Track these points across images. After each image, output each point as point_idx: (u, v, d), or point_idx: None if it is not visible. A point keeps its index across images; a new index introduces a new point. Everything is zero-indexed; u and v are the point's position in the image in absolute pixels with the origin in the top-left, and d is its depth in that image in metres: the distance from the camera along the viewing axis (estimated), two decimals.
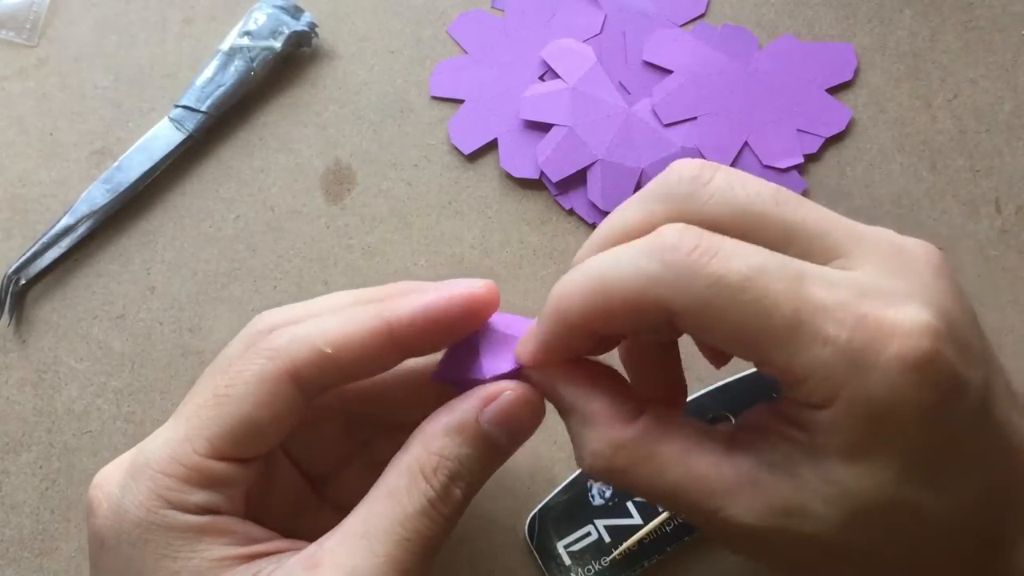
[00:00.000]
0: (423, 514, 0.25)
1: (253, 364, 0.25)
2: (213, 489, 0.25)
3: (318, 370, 0.25)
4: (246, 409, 0.25)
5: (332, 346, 0.25)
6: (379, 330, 0.26)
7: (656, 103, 0.39)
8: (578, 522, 0.34)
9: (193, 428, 0.25)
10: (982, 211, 0.38)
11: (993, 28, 0.40)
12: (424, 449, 0.26)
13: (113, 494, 0.25)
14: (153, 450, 0.25)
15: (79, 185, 0.39)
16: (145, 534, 0.25)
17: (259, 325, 0.27)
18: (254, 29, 0.40)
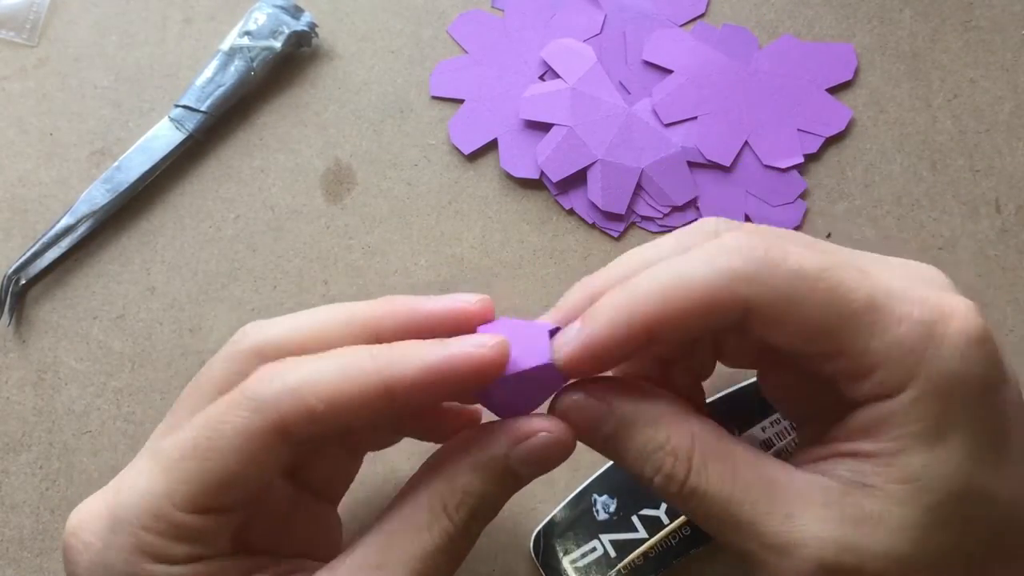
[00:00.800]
0: (442, 551, 0.24)
1: (238, 417, 0.24)
2: (198, 543, 0.24)
3: (308, 428, 0.24)
4: (229, 465, 0.24)
5: (325, 403, 0.23)
6: (378, 391, 0.24)
7: (656, 103, 0.39)
8: (583, 537, 0.34)
9: (173, 482, 0.24)
10: (982, 211, 0.38)
11: (993, 28, 0.40)
12: (448, 485, 0.24)
13: (94, 546, 0.25)
14: (132, 504, 0.24)
15: (79, 185, 0.39)
16: None
17: (243, 344, 0.26)
18: (254, 29, 0.40)
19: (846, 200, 0.38)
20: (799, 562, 0.23)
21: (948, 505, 0.23)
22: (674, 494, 0.25)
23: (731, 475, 0.24)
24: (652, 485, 0.25)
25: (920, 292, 0.24)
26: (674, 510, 0.34)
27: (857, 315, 0.23)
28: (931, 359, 0.23)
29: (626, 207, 0.38)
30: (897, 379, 0.23)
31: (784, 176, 0.38)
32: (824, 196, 0.38)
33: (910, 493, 0.23)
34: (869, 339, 0.23)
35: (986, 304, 0.37)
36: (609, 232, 0.38)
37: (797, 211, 0.38)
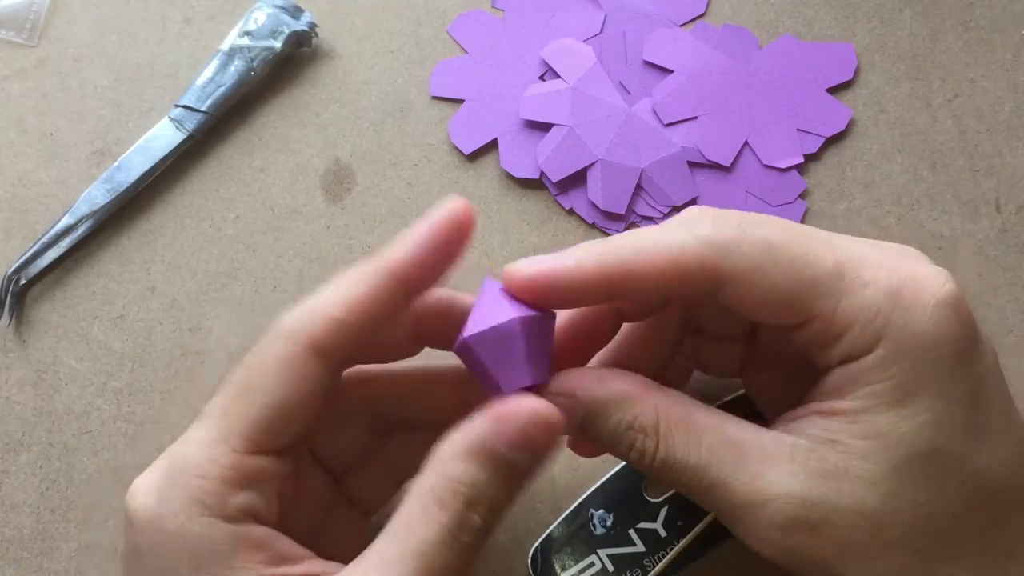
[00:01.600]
0: (441, 544, 0.24)
1: (272, 349, 0.25)
2: (252, 488, 0.25)
3: (338, 338, 0.25)
4: (275, 395, 0.25)
5: (344, 310, 0.25)
6: (381, 280, 0.26)
7: (656, 103, 0.39)
8: (581, 552, 0.34)
9: (225, 426, 0.25)
10: (982, 211, 0.38)
11: (993, 28, 0.40)
12: (439, 476, 0.24)
13: (149, 504, 0.24)
14: (189, 454, 0.25)
15: (79, 185, 0.39)
16: (183, 544, 0.24)
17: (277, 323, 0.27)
18: (254, 29, 0.40)
19: (846, 200, 0.38)
20: (769, 518, 0.24)
21: (915, 463, 0.23)
22: (649, 466, 0.26)
23: (698, 442, 0.25)
24: (630, 461, 0.26)
25: (890, 260, 0.25)
26: (672, 524, 0.34)
27: (825, 280, 0.24)
28: (899, 321, 0.24)
29: (626, 207, 0.38)
30: (865, 341, 0.24)
31: (784, 176, 0.38)
32: (824, 196, 0.38)
33: (874, 448, 0.24)
34: (837, 302, 0.24)
35: (986, 304, 0.37)
36: (609, 232, 0.38)
37: (797, 211, 0.38)
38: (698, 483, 0.25)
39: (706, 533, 0.33)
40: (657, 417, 0.25)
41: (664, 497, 0.34)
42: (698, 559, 0.33)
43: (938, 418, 0.23)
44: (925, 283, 0.24)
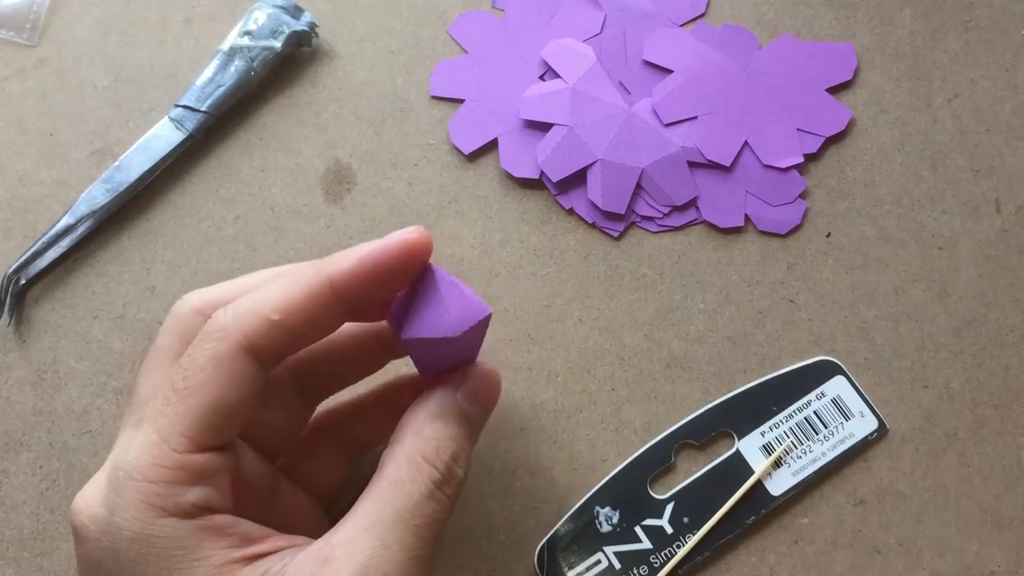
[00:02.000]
0: (430, 498, 0.25)
1: (205, 349, 0.25)
2: (202, 484, 0.25)
3: (271, 339, 0.25)
4: (213, 394, 0.25)
5: (279, 312, 0.25)
6: (322, 288, 0.26)
7: (656, 103, 0.39)
8: (587, 550, 0.34)
9: (164, 428, 0.25)
10: (982, 211, 0.38)
11: (993, 28, 0.40)
12: (418, 438, 0.26)
13: (99, 515, 0.24)
14: (131, 461, 0.24)
15: (79, 185, 0.39)
16: (144, 549, 0.24)
17: (183, 309, 0.27)
18: (254, 29, 0.40)
19: (846, 200, 0.38)
20: None
21: None
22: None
23: None
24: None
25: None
26: (678, 520, 0.34)
27: None
28: None
29: (626, 207, 0.38)
30: None
31: (784, 176, 0.38)
32: (824, 196, 0.38)
33: None
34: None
35: (986, 304, 0.37)
36: (609, 232, 0.38)
37: (797, 211, 0.38)
38: None
39: (714, 529, 0.33)
40: None
41: (670, 494, 0.34)
42: (705, 553, 0.33)
43: None
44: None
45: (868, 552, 0.34)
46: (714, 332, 0.37)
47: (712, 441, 0.35)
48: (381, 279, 0.26)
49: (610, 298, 0.37)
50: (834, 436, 0.35)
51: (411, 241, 0.26)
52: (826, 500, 0.34)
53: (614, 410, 0.36)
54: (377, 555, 0.24)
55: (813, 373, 0.36)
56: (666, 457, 0.35)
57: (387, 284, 0.26)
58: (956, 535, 0.34)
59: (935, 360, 0.36)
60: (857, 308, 0.37)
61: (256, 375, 0.26)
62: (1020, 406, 0.36)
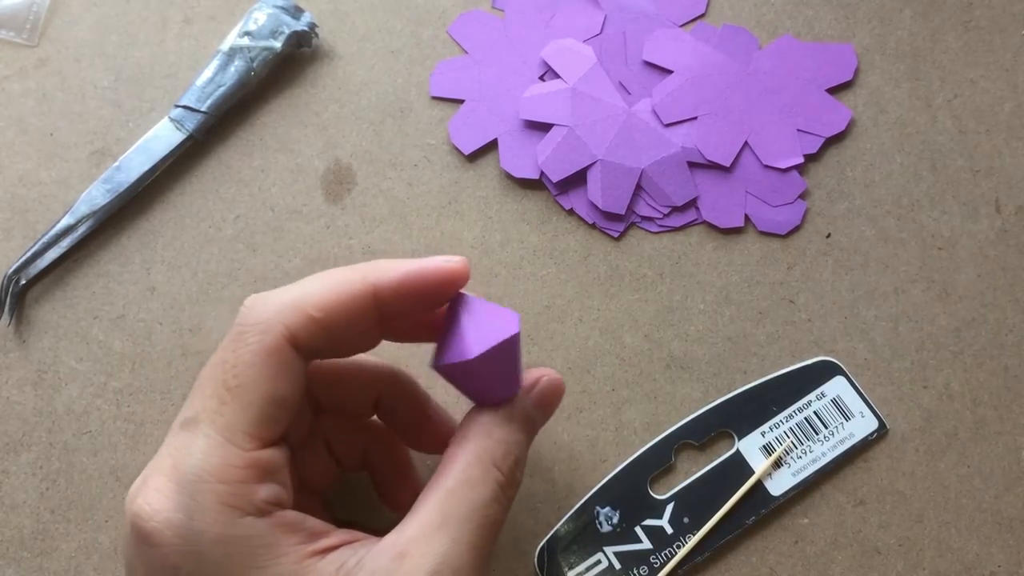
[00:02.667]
0: (495, 500, 0.26)
1: (251, 343, 0.25)
2: (270, 480, 0.25)
3: (310, 336, 0.26)
4: (266, 388, 0.25)
5: (321, 310, 0.26)
6: (365, 293, 0.26)
7: (656, 103, 0.39)
8: (587, 550, 0.34)
9: (226, 428, 0.25)
10: (982, 211, 0.38)
11: (993, 28, 0.40)
12: (488, 439, 0.27)
13: (176, 520, 0.24)
14: (199, 464, 0.24)
15: (79, 185, 0.39)
16: (228, 549, 0.24)
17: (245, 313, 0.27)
18: (254, 29, 0.40)
19: (846, 200, 0.38)
20: None
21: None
22: None
23: None
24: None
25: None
26: (678, 520, 0.34)
27: None
28: None
29: (626, 207, 0.38)
30: None
31: (784, 176, 0.38)
32: (824, 196, 0.38)
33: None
34: None
35: (986, 304, 0.37)
36: (609, 232, 0.38)
37: (797, 211, 0.38)
38: None
39: (714, 529, 0.33)
40: None
41: (670, 494, 0.34)
42: (705, 553, 0.33)
43: None
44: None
45: (868, 552, 0.34)
46: (714, 332, 0.37)
47: (712, 441, 0.35)
48: (421, 296, 0.27)
49: (610, 298, 0.37)
50: (834, 436, 0.35)
51: (455, 270, 0.27)
52: (826, 500, 0.34)
53: (614, 410, 0.36)
54: (450, 552, 0.25)
55: (813, 373, 0.36)
56: (666, 457, 0.35)
57: (423, 303, 0.27)
58: (956, 535, 0.34)
59: (935, 360, 0.36)
60: (857, 308, 0.37)
61: (301, 367, 0.26)
62: (1020, 406, 0.36)
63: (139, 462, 0.36)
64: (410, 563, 0.25)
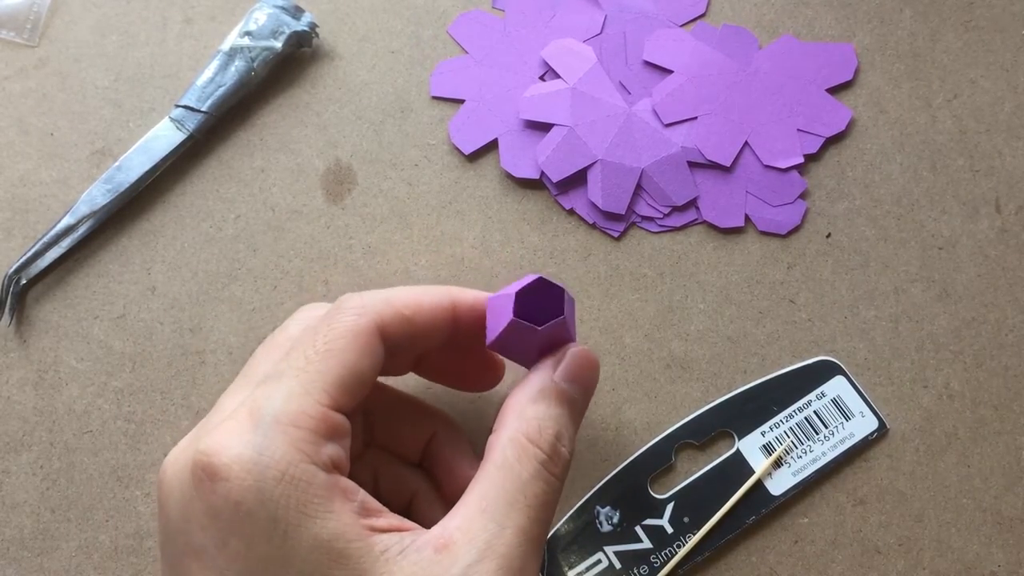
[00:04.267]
0: (537, 478, 0.26)
1: (345, 320, 0.27)
2: (336, 441, 0.26)
3: (397, 330, 0.28)
4: (351, 359, 0.26)
5: (411, 309, 0.28)
6: (446, 305, 0.29)
7: (656, 103, 0.39)
8: (588, 550, 0.34)
9: (308, 382, 0.26)
10: (982, 211, 0.38)
11: (993, 28, 0.40)
12: (521, 419, 0.27)
13: (244, 455, 0.24)
14: (277, 407, 0.25)
15: (79, 185, 0.39)
16: (288, 490, 0.24)
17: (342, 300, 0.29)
18: (254, 29, 0.40)
19: (846, 200, 0.38)
20: None
21: None
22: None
23: None
24: None
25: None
26: (678, 520, 0.34)
27: None
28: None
29: (626, 207, 0.38)
30: None
31: (784, 176, 0.38)
32: (824, 196, 0.38)
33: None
34: None
35: (986, 304, 0.37)
36: (609, 232, 0.38)
37: (797, 211, 0.38)
38: None
39: (715, 529, 0.33)
40: None
41: (670, 494, 0.34)
42: (705, 553, 0.33)
43: None
44: None
45: (868, 552, 0.34)
46: (714, 332, 0.37)
47: (712, 441, 0.35)
48: (481, 321, 0.29)
49: (610, 298, 0.37)
50: (834, 436, 0.35)
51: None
52: (826, 500, 0.34)
53: (614, 410, 0.36)
54: (495, 538, 0.25)
55: (813, 373, 0.36)
56: (666, 457, 0.35)
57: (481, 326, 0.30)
58: (956, 535, 0.34)
59: (935, 360, 0.36)
60: (857, 308, 0.37)
61: (382, 355, 0.27)
62: (1020, 406, 0.36)
63: (139, 462, 0.36)
64: (453, 552, 0.24)
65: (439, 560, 0.24)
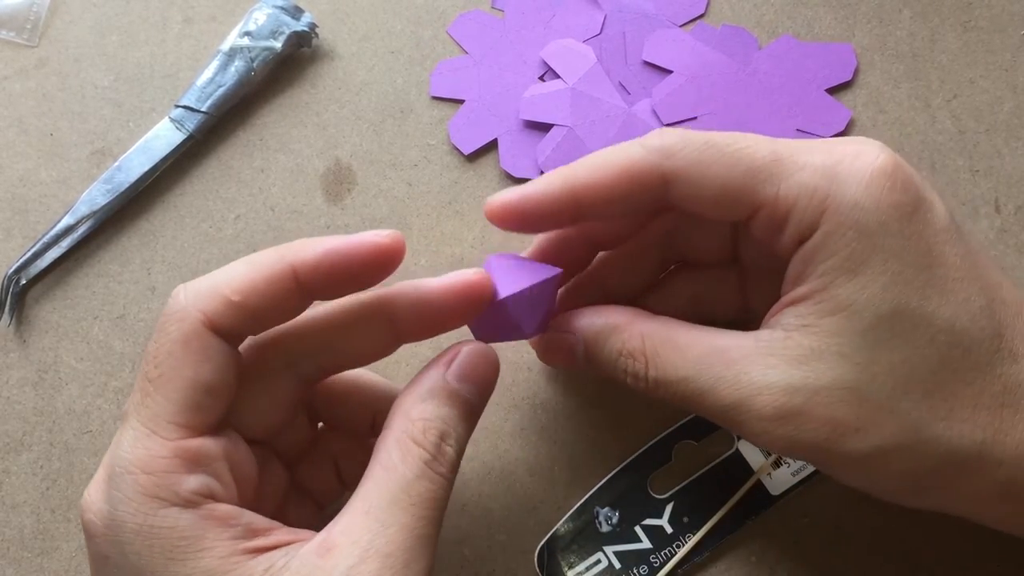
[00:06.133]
0: (422, 477, 0.26)
1: (170, 332, 0.25)
2: (200, 470, 0.25)
3: (230, 319, 0.26)
4: (188, 375, 0.25)
5: (239, 293, 0.26)
6: (283, 273, 0.26)
7: (656, 103, 0.39)
8: (587, 550, 0.34)
9: (149, 419, 0.25)
10: (982, 211, 0.38)
11: (992, 28, 0.40)
12: (406, 419, 0.26)
13: (103, 510, 0.25)
14: (125, 455, 0.25)
15: (79, 185, 0.39)
16: (148, 540, 0.24)
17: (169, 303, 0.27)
18: (254, 29, 0.40)
19: None
20: (757, 412, 0.25)
21: (882, 327, 0.24)
22: (645, 388, 0.28)
23: (683, 356, 0.27)
24: (629, 385, 0.29)
25: (827, 144, 0.26)
26: (677, 520, 0.34)
27: (763, 167, 0.26)
28: (836, 194, 0.25)
29: None
30: (809, 219, 0.25)
31: None
32: None
33: (842, 322, 0.25)
34: (777, 186, 0.26)
35: None
36: None
37: None
38: (691, 394, 0.27)
39: (714, 529, 0.33)
40: (643, 341, 0.28)
41: (670, 493, 0.34)
42: (705, 553, 0.33)
43: (893, 279, 0.25)
44: (860, 157, 0.25)
45: (869, 552, 0.34)
46: None
47: (712, 441, 0.35)
48: (345, 274, 0.26)
49: None
50: None
51: (381, 245, 0.26)
52: (826, 500, 0.34)
53: (614, 410, 0.36)
54: (378, 537, 0.24)
55: None
56: (666, 457, 0.35)
57: (353, 280, 0.27)
58: (956, 535, 0.34)
59: None
60: None
61: (224, 350, 0.26)
62: None
63: None
64: (335, 555, 0.24)
65: (321, 564, 0.24)
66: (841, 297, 0.25)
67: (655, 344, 0.28)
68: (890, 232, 0.25)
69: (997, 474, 0.25)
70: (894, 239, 0.25)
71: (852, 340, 0.25)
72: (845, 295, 0.25)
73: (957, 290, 0.25)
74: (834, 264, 0.25)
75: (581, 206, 0.28)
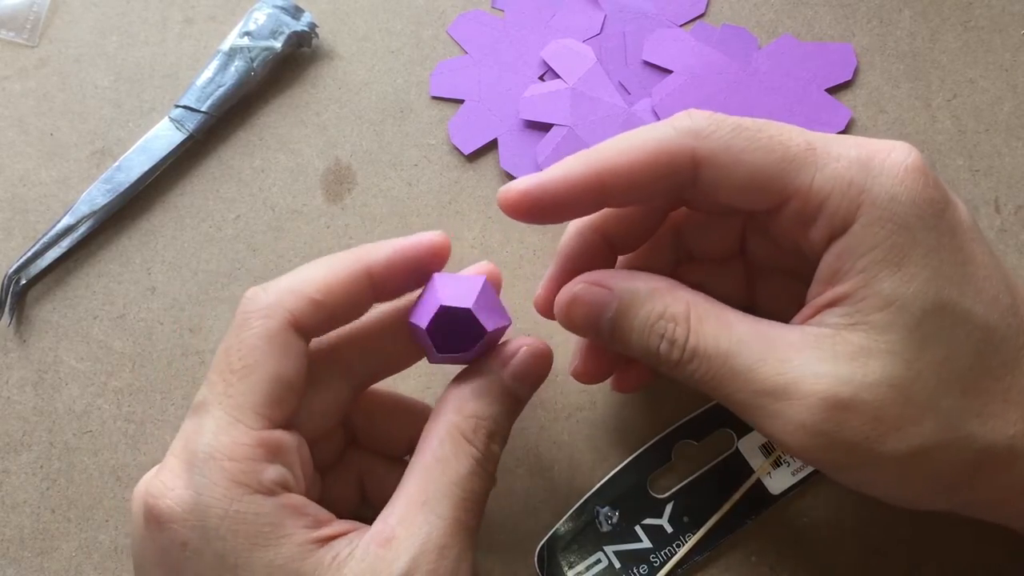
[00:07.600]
0: (473, 474, 0.26)
1: (254, 328, 0.26)
2: (278, 461, 0.26)
3: (312, 318, 0.27)
4: (272, 369, 0.26)
5: (320, 292, 0.27)
6: (360, 274, 0.28)
7: (656, 103, 0.39)
8: (587, 550, 0.34)
9: (234, 408, 0.25)
10: (982, 211, 0.38)
11: (992, 28, 0.40)
12: (459, 414, 0.27)
13: (186, 498, 0.25)
14: (209, 443, 0.25)
15: (79, 185, 0.39)
16: (234, 525, 0.24)
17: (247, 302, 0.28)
18: (254, 29, 0.40)
19: None
20: (798, 401, 0.24)
21: (927, 321, 0.24)
22: (676, 360, 0.26)
23: (727, 331, 0.26)
24: (658, 355, 0.27)
25: (857, 139, 0.26)
26: (678, 520, 0.34)
27: (797, 155, 0.25)
28: (873, 186, 0.24)
29: None
30: (845, 211, 0.25)
31: None
32: None
33: (890, 318, 0.24)
34: (811, 176, 0.25)
35: None
36: None
37: None
38: (727, 373, 0.25)
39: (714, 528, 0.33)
40: (688, 307, 0.27)
41: (670, 493, 0.34)
42: (705, 553, 0.33)
43: (935, 273, 0.24)
44: (892, 153, 0.25)
45: (869, 552, 0.34)
46: None
47: (712, 440, 0.35)
48: (410, 272, 0.28)
49: None
50: None
51: (436, 243, 0.29)
52: (826, 499, 0.34)
53: (614, 410, 0.36)
54: (435, 530, 0.25)
55: None
56: (666, 456, 0.35)
57: (413, 278, 0.29)
58: (957, 535, 0.34)
59: None
60: None
61: (302, 348, 0.27)
62: None
63: (139, 462, 0.36)
64: (396, 546, 0.25)
65: (383, 555, 0.25)
66: (887, 292, 0.24)
67: (700, 312, 0.26)
68: (928, 226, 0.24)
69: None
70: (931, 234, 0.24)
71: (901, 336, 0.24)
72: (890, 289, 0.24)
73: (987, 288, 0.25)
74: (876, 257, 0.24)
75: (605, 191, 0.27)
